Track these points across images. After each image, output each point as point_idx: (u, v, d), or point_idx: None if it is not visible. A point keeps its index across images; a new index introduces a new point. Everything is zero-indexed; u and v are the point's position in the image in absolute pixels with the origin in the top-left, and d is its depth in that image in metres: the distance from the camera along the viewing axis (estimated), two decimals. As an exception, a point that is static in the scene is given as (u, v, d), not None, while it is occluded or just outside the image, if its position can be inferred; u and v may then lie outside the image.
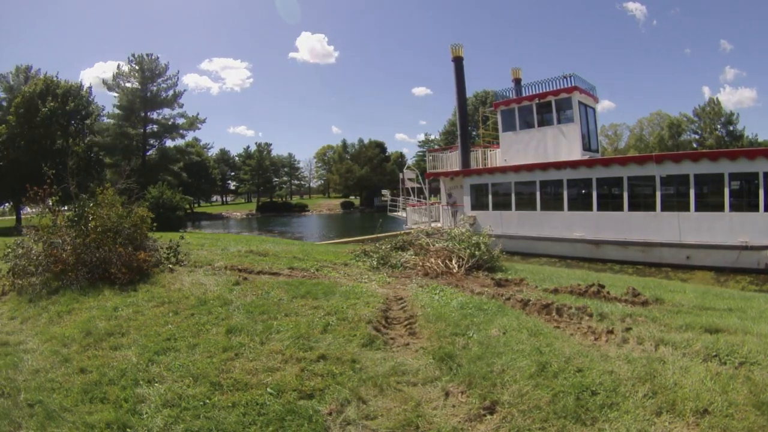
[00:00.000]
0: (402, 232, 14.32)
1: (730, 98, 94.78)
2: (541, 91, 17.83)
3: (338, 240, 21.80)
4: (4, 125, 31.98)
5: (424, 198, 22.60)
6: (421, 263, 7.86)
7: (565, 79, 17.27)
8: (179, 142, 52.68)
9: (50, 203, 7.37)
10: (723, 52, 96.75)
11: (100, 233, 6.68)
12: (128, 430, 2.73)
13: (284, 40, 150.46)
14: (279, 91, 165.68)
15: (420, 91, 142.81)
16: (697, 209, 13.29)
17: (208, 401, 3.02)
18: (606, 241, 14.90)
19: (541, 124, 17.91)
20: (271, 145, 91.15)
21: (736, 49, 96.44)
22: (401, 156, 77.49)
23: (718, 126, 52.42)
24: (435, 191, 25.26)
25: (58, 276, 6.33)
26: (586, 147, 17.42)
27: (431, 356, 3.78)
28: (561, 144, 17.25)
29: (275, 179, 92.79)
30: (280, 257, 8.90)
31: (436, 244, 8.80)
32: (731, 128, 51.42)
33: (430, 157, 22.98)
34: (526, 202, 17.33)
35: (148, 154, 49.35)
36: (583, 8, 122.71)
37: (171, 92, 49.02)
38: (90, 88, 41.87)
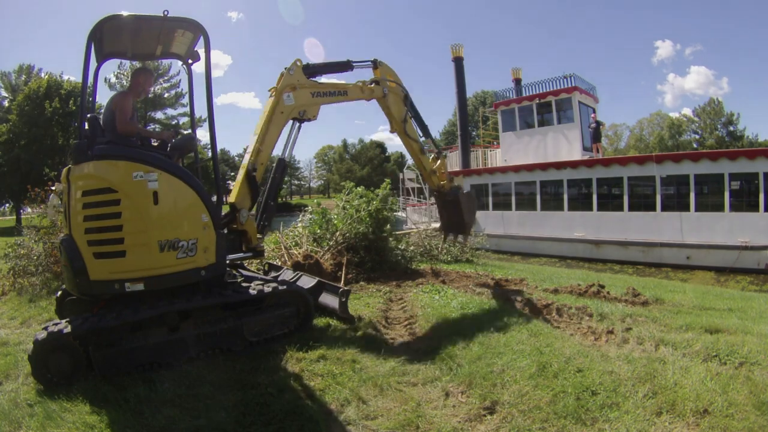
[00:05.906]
0: (402, 232, 14.29)
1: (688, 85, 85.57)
2: (541, 91, 17.83)
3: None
4: (4, 125, 31.84)
5: (424, 198, 22.58)
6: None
7: (565, 79, 17.27)
8: (180, 141, 52.63)
9: None
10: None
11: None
12: (129, 430, 2.72)
13: (286, 40, 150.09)
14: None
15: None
16: (697, 209, 13.28)
17: (208, 401, 3.02)
18: (606, 241, 14.89)
19: (542, 124, 17.90)
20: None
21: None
22: (401, 156, 77.39)
23: (719, 126, 52.36)
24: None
25: (59, 276, 6.33)
26: (586, 147, 17.42)
27: (431, 356, 3.78)
28: (561, 144, 17.25)
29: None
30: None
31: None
32: (731, 128, 51.34)
33: (430, 157, 22.93)
34: (526, 202, 17.32)
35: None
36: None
37: (173, 92, 49.02)
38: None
